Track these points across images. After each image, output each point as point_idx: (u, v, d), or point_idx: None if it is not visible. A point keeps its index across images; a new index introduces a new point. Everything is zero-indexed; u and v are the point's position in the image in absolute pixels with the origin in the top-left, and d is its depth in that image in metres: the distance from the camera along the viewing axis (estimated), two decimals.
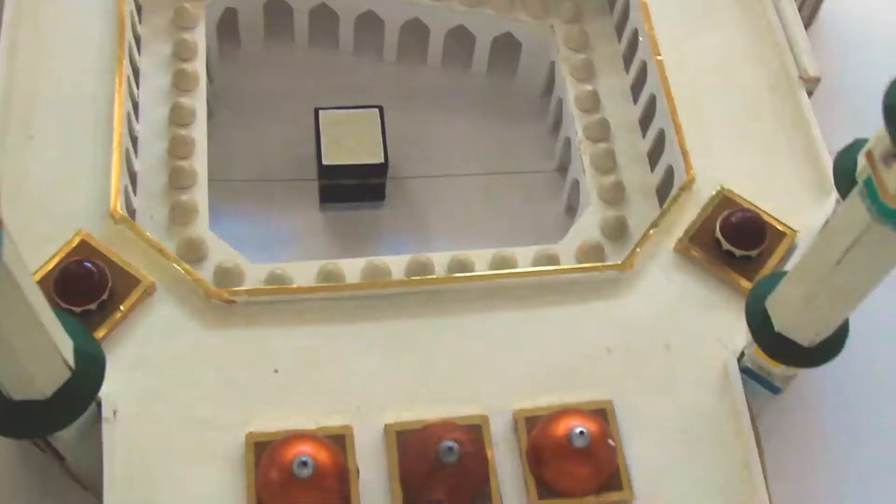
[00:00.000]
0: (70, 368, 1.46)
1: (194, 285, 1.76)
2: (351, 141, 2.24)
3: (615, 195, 2.09)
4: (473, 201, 2.39)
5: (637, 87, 2.22)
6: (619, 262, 1.85)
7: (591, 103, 2.22)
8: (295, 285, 1.85)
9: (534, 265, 1.97)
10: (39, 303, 1.33)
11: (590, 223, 2.07)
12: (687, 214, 1.91)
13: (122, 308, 1.72)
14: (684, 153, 1.97)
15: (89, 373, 1.50)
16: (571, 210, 2.33)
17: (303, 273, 1.92)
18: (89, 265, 1.73)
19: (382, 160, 2.22)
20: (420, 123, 2.45)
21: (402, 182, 2.36)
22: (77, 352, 1.47)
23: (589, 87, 2.24)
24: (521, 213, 2.38)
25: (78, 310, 1.70)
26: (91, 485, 1.81)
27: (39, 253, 1.74)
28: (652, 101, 2.14)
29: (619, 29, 2.34)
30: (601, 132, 2.18)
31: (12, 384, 1.42)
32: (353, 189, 2.28)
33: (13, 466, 1.97)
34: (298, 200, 2.35)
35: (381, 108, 2.28)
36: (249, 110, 2.43)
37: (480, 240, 2.21)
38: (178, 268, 1.78)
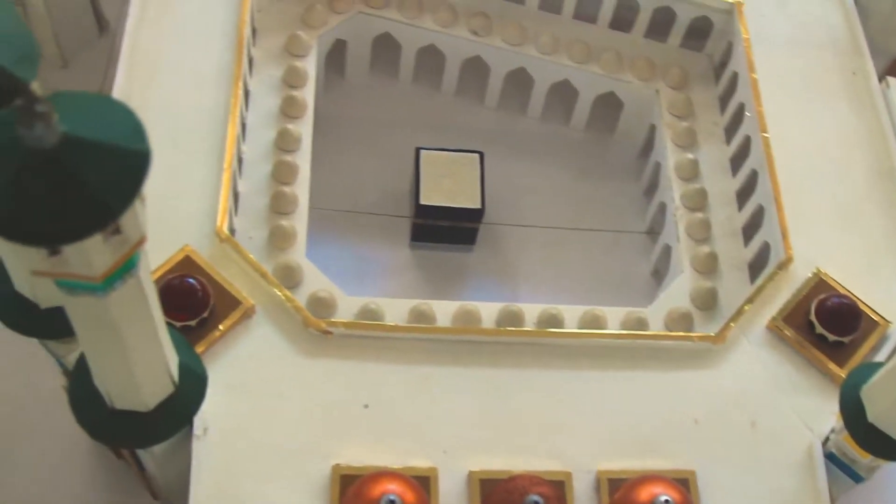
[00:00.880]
0: (174, 384, 1.48)
1: (293, 312, 1.78)
2: (449, 183, 2.26)
3: (708, 265, 2.09)
4: (561, 254, 2.40)
5: (738, 160, 2.23)
6: (713, 335, 1.85)
7: (691, 171, 2.23)
8: (392, 323, 1.86)
9: (622, 327, 1.97)
10: (159, 317, 1.35)
11: (680, 291, 2.07)
12: (782, 293, 1.91)
13: (220, 327, 1.74)
14: (784, 232, 1.97)
15: (192, 390, 1.51)
16: (658, 274, 2.33)
17: (395, 310, 1.93)
18: (193, 281, 1.75)
19: (479, 206, 2.24)
20: (515, 172, 2.46)
21: (492, 228, 2.37)
22: (182, 368, 1.49)
23: (690, 156, 2.24)
24: (607, 271, 2.39)
25: (178, 324, 1.72)
26: (165, 497, 1.83)
27: None
28: (753, 175, 2.14)
29: (724, 100, 2.34)
30: (699, 201, 2.18)
31: (118, 394, 1.44)
32: (445, 230, 2.29)
33: (85, 469, 1.99)
34: (389, 235, 2.36)
35: (481, 154, 2.29)
36: (347, 141, 2.45)
37: (565, 293, 2.24)
38: (279, 293, 1.79)
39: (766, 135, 2.11)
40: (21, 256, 1.37)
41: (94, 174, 1.01)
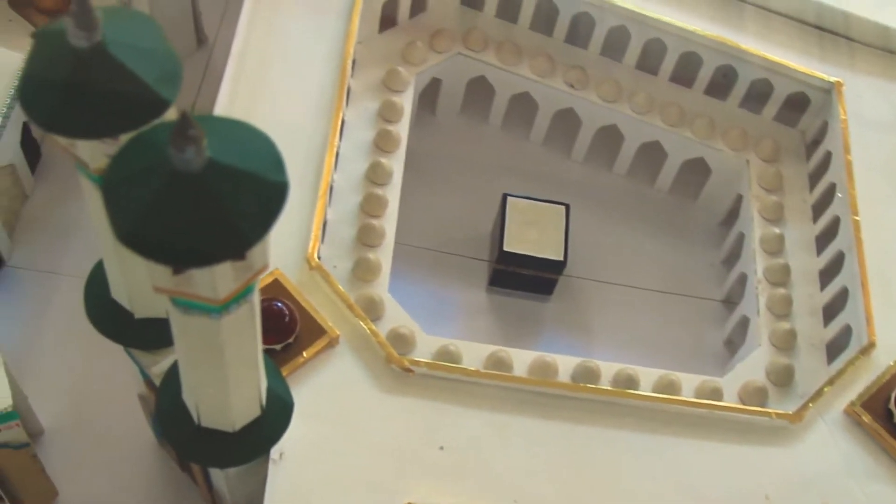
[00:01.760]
0: (262, 408, 1.49)
1: (377, 347, 1.79)
2: (534, 232, 2.27)
3: (787, 342, 2.09)
4: (635, 313, 2.40)
5: (824, 240, 2.22)
6: (790, 413, 1.85)
7: (776, 246, 2.23)
8: (473, 368, 1.86)
9: (696, 395, 1.97)
10: (260, 340, 1.36)
11: (757, 365, 2.06)
12: (862, 379, 1.91)
13: (304, 354, 1.76)
14: (868, 317, 1.97)
15: (278, 416, 1.53)
16: (732, 344, 2.33)
17: (473, 354, 1.94)
18: (282, 306, 1.77)
19: (562, 258, 2.25)
20: (596, 226, 2.48)
21: (570, 280, 2.38)
22: (269, 393, 1.50)
23: (776, 230, 2.24)
24: (680, 335, 2.39)
25: (263, 347, 1.72)
26: None
27: None
28: (839, 257, 2.14)
29: (814, 178, 2.34)
30: (781, 277, 2.18)
31: (208, 412, 1.46)
32: (525, 278, 2.31)
33: (148, 477, 2.01)
34: (467, 277, 2.38)
35: (567, 207, 2.30)
36: (433, 178, 2.47)
37: (637, 352, 2.24)
38: (365, 326, 1.81)
39: (856, 218, 2.10)
40: (145, 271, 1.39)
41: (235, 202, 1.03)
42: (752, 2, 2.41)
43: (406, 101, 2.30)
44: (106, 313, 1.60)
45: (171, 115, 1.17)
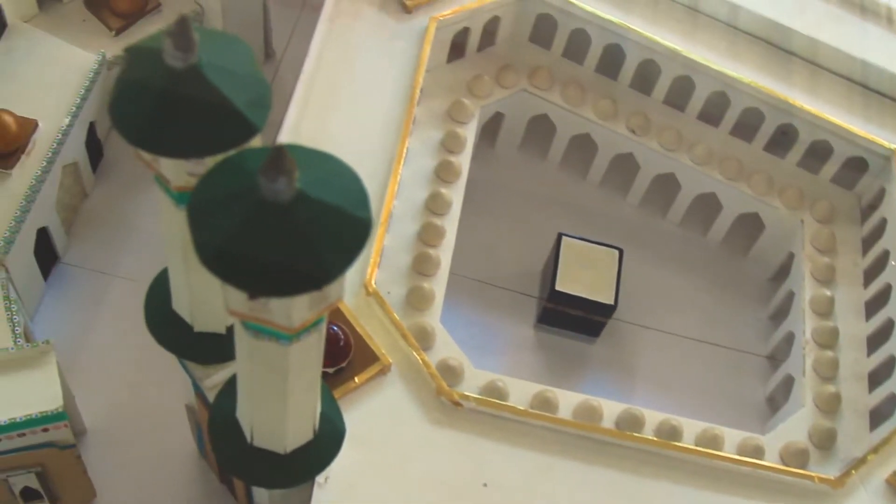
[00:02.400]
0: (314, 431, 1.50)
1: (428, 378, 1.80)
2: (586, 274, 2.28)
3: (831, 405, 2.08)
4: (678, 362, 2.41)
5: (874, 305, 2.22)
6: (833, 478, 1.85)
7: (826, 308, 2.23)
8: (522, 408, 1.86)
9: (738, 451, 1.97)
10: (321, 367, 1.38)
11: (800, 426, 2.06)
12: None
13: (356, 379, 1.77)
14: None
15: (329, 441, 1.54)
16: (773, 402, 2.33)
17: (519, 391, 1.95)
18: (338, 329, 1.78)
19: (612, 302, 2.26)
20: (645, 272, 2.48)
21: (616, 324, 2.38)
22: (322, 417, 1.51)
23: (828, 293, 2.24)
24: (721, 387, 2.39)
25: None
26: None
27: None
28: (888, 324, 2.14)
29: (868, 242, 2.34)
30: (830, 339, 2.18)
31: (262, 433, 1.47)
32: (573, 319, 2.31)
33: (187, 486, 2.03)
34: (516, 311, 2.39)
35: (621, 251, 2.31)
36: (488, 211, 2.48)
37: (678, 401, 2.26)
38: (417, 357, 1.82)
39: None
40: (211, 289, 1.41)
41: (321, 235, 1.04)
42: (822, 66, 2.42)
43: (469, 133, 2.31)
44: (165, 323, 1.62)
45: (255, 140, 1.19)
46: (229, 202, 1.05)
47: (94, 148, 2.38)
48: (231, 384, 1.57)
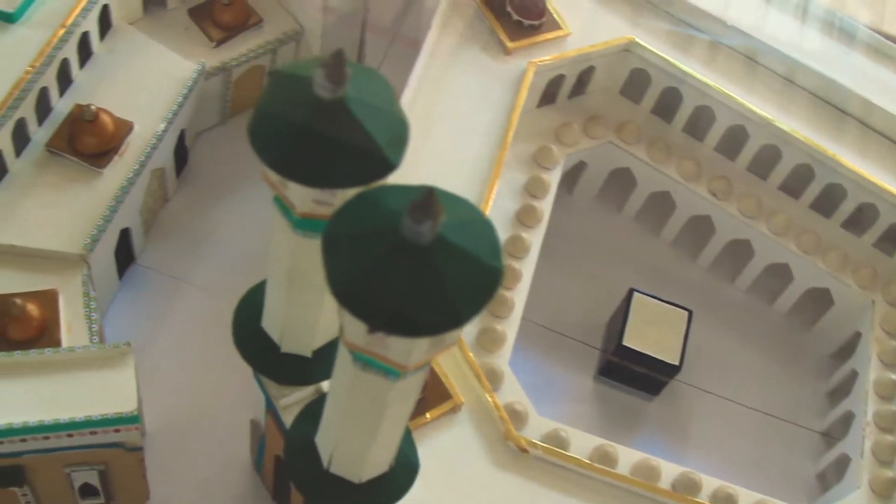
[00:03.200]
0: (390, 465, 1.51)
1: (498, 421, 1.82)
2: (654, 332, 2.28)
3: (887, 490, 2.08)
4: (732, 429, 2.41)
5: None
6: None
7: (891, 391, 2.23)
8: (587, 461, 1.87)
9: None
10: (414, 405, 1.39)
11: None
12: None
13: (427, 415, 1.78)
14: None
15: (403, 475, 1.54)
16: (824, 479, 2.33)
17: (580, 442, 1.95)
18: None
19: (677, 363, 2.26)
20: (707, 335, 2.47)
21: (676, 384, 2.38)
22: (399, 452, 1.52)
23: (893, 376, 2.24)
24: (773, 458, 2.38)
25: None
26: None
27: None
28: None
29: None
30: (891, 423, 2.18)
31: (341, 460, 1.48)
32: (635, 375, 2.32)
33: (239, 499, 2.03)
34: (577, 361, 2.40)
35: (690, 313, 2.31)
36: (559, 257, 2.48)
37: (728, 468, 2.25)
38: (489, 399, 1.83)
39: None
40: (309, 314, 1.42)
41: (455, 280, 1.05)
42: None
43: (553, 180, 2.32)
44: (252, 339, 1.63)
45: None
46: (368, 238, 1.06)
47: (181, 155, 2.40)
48: (312, 407, 1.59)
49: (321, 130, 1.15)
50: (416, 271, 1.04)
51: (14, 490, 1.84)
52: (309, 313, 1.50)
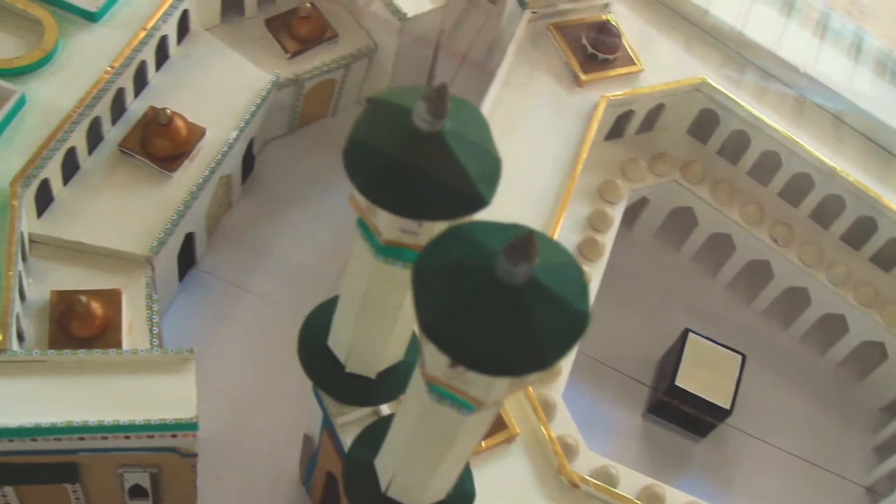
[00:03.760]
0: (447, 493, 1.51)
1: (551, 455, 1.82)
2: (707, 374, 2.28)
3: None
4: (777, 476, 2.41)
5: None
6: None
7: None
8: (636, 501, 1.87)
9: None
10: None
11: None
12: None
13: (483, 444, 1.78)
14: None
15: (459, 503, 1.54)
16: None
17: (629, 480, 1.95)
18: None
19: (728, 407, 2.26)
20: (757, 380, 2.46)
21: (724, 427, 2.37)
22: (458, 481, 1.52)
23: None
24: None
25: None
26: None
27: None
28: None
29: None
30: None
31: (400, 485, 1.48)
32: (685, 416, 2.31)
33: None
34: (627, 397, 2.40)
35: (744, 357, 2.31)
36: (615, 291, 2.47)
37: None
38: (544, 431, 1.82)
39: None
40: (379, 338, 1.43)
41: (545, 322, 1.05)
42: None
43: (617, 214, 2.33)
44: (317, 357, 1.64)
45: None
46: (460, 273, 1.06)
47: (247, 162, 2.41)
48: (372, 430, 1.59)
49: (417, 162, 1.15)
50: (506, 311, 1.04)
51: (66, 486, 1.85)
52: (379, 337, 1.51)
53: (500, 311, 1.04)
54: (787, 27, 2.50)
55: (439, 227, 1.23)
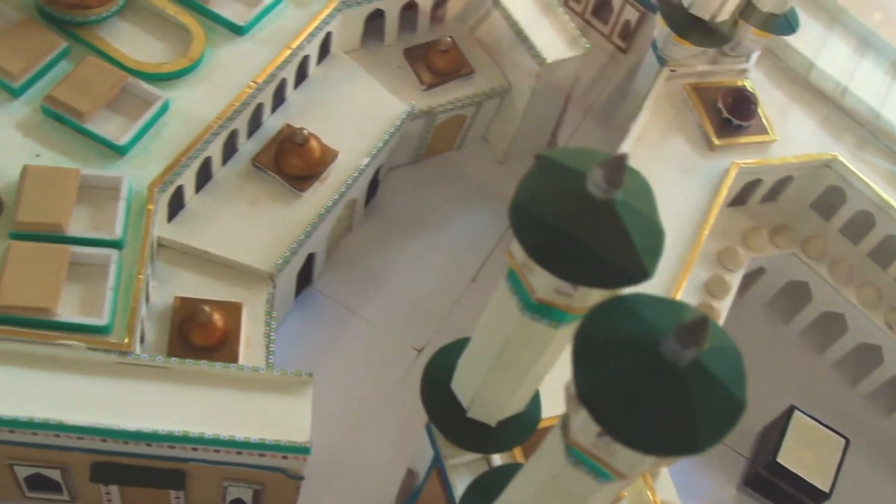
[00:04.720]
0: None
1: None
2: (809, 454, 2.26)
3: None
4: None
5: None
6: None
7: None
8: None
9: None
10: None
11: None
12: None
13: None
14: None
15: None
16: None
17: None
18: None
19: (828, 490, 2.23)
20: (858, 464, 2.44)
21: None
22: None
23: None
24: None
25: None
26: None
27: None
28: None
29: None
30: None
31: None
32: (783, 493, 2.29)
33: None
34: (724, 467, 2.39)
35: (847, 441, 2.28)
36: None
37: None
38: (651, 497, 1.81)
39: None
40: (507, 389, 1.43)
41: (702, 406, 1.05)
42: None
43: (734, 282, 2.32)
44: (440, 398, 1.64)
45: None
46: (624, 348, 1.06)
47: (372, 187, 2.43)
48: (486, 480, 1.60)
49: (587, 229, 1.16)
50: (667, 391, 1.04)
51: (170, 492, 1.87)
52: (507, 388, 1.51)
53: (661, 390, 1.04)
54: None
55: (596, 292, 1.23)
